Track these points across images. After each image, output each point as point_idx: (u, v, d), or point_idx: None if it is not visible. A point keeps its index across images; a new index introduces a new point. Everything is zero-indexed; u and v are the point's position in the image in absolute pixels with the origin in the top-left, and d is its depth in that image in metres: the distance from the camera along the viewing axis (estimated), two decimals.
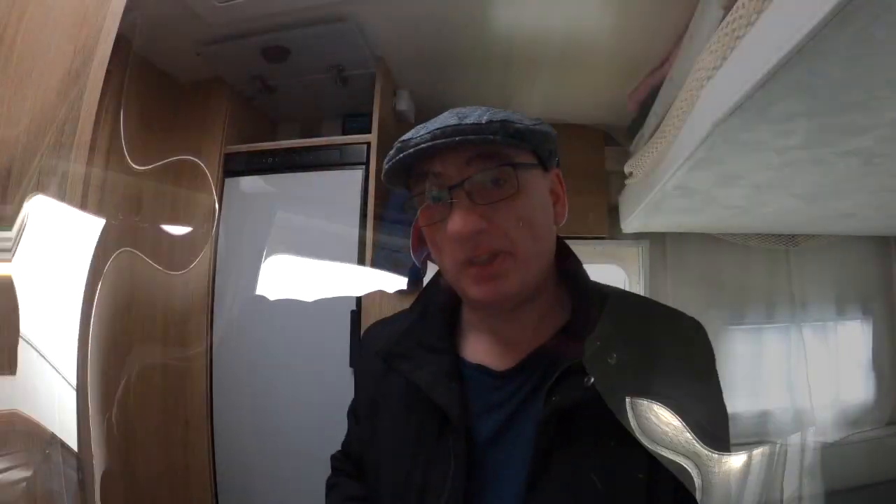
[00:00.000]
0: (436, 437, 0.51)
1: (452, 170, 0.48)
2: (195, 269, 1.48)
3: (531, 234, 0.48)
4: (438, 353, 0.55)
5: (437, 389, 0.51)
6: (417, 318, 0.58)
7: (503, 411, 0.51)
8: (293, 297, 1.42)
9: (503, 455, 0.50)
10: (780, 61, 0.63)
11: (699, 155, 0.98)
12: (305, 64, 1.47)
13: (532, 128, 0.48)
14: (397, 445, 0.54)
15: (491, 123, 0.46)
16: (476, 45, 1.43)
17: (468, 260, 0.48)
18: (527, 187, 0.48)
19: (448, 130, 0.46)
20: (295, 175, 1.48)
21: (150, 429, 1.40)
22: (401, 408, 0.55)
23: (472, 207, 0.47)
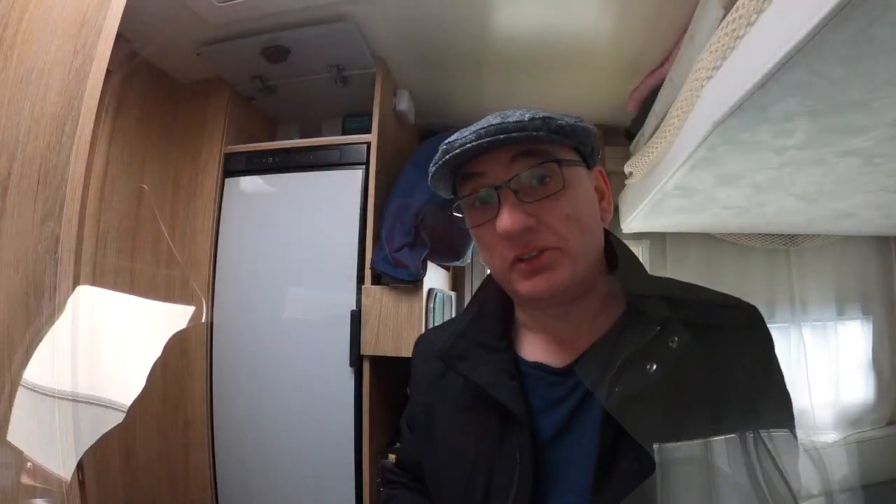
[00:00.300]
0: (498, 436, 0.51)
1: (498, 169, 0.48)
2: (195, 269, 1.48)
3: (579, 229, 0.48)
4: (497, 351, 0.55)
5: (499, 387, 0.51)
6: (472, 319, 0.58)
7: (565, 407, 0.51)
8: (293, 297, 1.42)
9: (567, 451, 0.49)
10: (780, 61, 0.63)
11: (699, 155, 0.98)
12: (305, 64, 1.47)
13: (574, 125, 0.49)
14: (457, 447, 0.54)
15: (533, 120, 0.46)
16: (476, 45, 1.43)
17: (517, 256, 0.48)
18: (572, 183, 0.49)
19: (492, 129, 0.46)
20: (295, 175, 1.48)
21: (150, 429, 1.41)
22: (459, 409, 0.55)
23: (519, 205, 0.47)
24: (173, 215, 1.52)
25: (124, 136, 1.37)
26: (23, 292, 0.65)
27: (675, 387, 0.46)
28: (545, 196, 0.47)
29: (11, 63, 0.67)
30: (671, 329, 0.46)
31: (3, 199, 0.65)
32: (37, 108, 0.68)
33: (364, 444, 1.32)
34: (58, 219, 0.67)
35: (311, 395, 1.38)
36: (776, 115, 0.78)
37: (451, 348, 0.55)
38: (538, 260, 0.48)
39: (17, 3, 0.68)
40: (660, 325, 0.46)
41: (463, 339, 0.56)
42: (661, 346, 0.46)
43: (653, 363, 0.45)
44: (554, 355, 0.54)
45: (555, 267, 0.48)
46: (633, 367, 0.46)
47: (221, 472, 1.43)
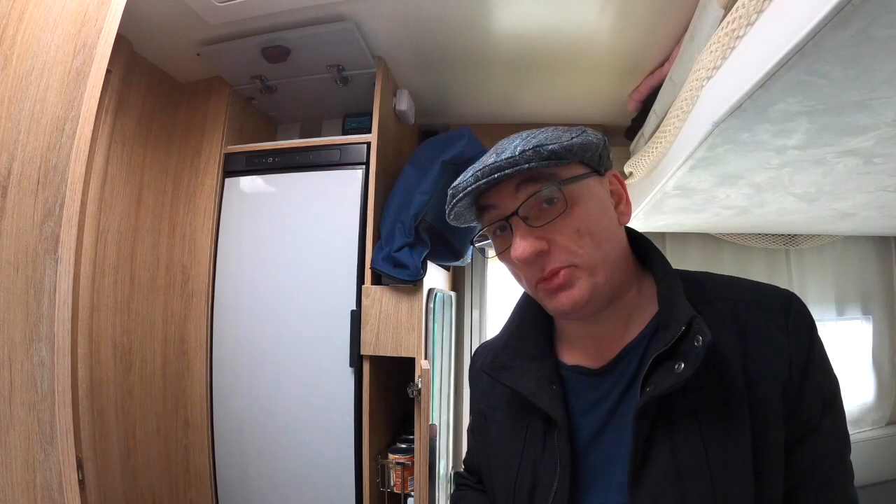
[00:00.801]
0: (542, 439, 0.54)
1: (506, 199, 0.51)
2: (195, 269, 1.48)
3: (592, 242, 0.50)
4: (538, 359, 0.58)
5: (540, 394, 0.54)
6: (514, 330, 0.62)
7: (603, 407, 0.53)
8: (293, 297, 1.42)
9: (606, 449, 0.51)
10: (780, 61, 0.63)
11: (699, 155, 0.98)
12: (305, 64, 1.47)
13: (567, 143, 0.50)
14: (507, 451, 0.57)
15: (524, 153, 0.48)
16: (476, 45, 1.43)
17: (539, 279, 0.51)
18: (580, 198, 0.51)
19: (487, 170, 0.49)
20: (295, 175, 1.48)
21: (150, 429, 1.41)
22: (508, 416, 0.59)
23: (529, 231, 0.50)
24: (173, 215, 1.52)
25: (124, 136, 1.37)
26: (23, 292, 0.65)
27: (707, 380, 0.47)
28: (553, 218, 0.50)
29: (11, 63, 0.67)
30: (697, 328, 0.46)
31: (3, 199, 0.65)
32: (37, 108, 0.68)
33: (364, 444, 1.32)
34: (58, 219, 0.67)
35: (311, 395, 1.37)
36: (776, 115, 0.78)
37: (493, 360, 0.59)
38: (556, 279, 0.50)
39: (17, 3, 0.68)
40: (685, 326, 0.47)
41: (505, 350, 0.59)
42: (687, 344, 0.46)
43: (680, 363, 0.46)
44: (592, 358, 0.56)
45: (573, 284, 0.50)
46: (663, 367, 0.47)
47: (221, 472, 1.43)
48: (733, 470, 0.45)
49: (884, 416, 2.00)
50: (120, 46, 1.30)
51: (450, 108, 1.83)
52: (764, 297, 0.52)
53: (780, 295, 0.53)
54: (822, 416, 0.48)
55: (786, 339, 0.49)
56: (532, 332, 0.61)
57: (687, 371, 0.45)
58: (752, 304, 0.51)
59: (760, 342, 0.49)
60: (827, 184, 1.11)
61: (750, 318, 0.50)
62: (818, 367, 0.50)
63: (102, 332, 1.28)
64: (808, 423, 0.48)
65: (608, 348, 0.55)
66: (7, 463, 0.63)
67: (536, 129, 0.54)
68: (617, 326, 0.55)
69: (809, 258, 2.02)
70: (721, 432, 0.46)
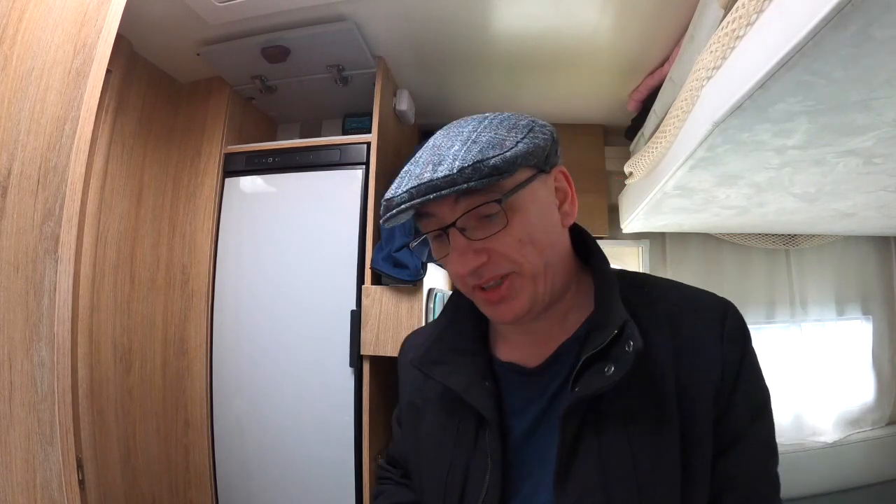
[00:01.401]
0: (474, 436, 0.53)
1: (444, 210, 0.48)
2: (195, 269, 1.48)
3: (535, 250, 0.48)
4: (471, 354, 0.56)
5: (472, 390, 0.52)
6: (447, 323, 0.60)
7: (537, 406, 0.52)
8: (293, 297, 1.42)
9: (538, 448, 0.51)
10: (780, 61, 0.63)
11: (699, 155, 0.98)
12: (305, 64, 1.47)
13: (510, 156, 0.45)
14: (439, 447, 0.56)
15: (462, 171, 0.44)
16: (476, 44, 1.43)
17: (478, 286, 0.50)
18: (521, 207, 0.48)
19: (422, 188, 0.45)
20: (295, 175, 1.48)
21: (150, 429, 1.41)
22: (440, 410, 0.57)
23: (468, 246, 0.48)
24: (173, 215, 1.52)
25: (124, 136, 1.37)
26: (23, 292, 0.65)
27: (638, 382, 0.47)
28: (492, 234, 0.47)
29: (11, 63, 0.67)
30: (628, 334, 0.46)
31: (3, 199, 0.65)
32: (37, 108, 0.68)
33: (364, 444, 1.32)
34: (58, 219, 0.67)
35: (311, 395, 1.37)
36: (776, 115, 0.78)
37: (426, 354, 0.57)
38: (497, 290, 0.49)
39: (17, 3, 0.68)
40: (617, 329, 0.47)
41: (438, 344, 0.57)
42: (619, 350, 0.46)
43: (610, 366, 0.46)
44: (527, 355, 0.55)
45: (514, 296, 0.49)
46: (593, 368, 0.47)
47: (221, 471, 1.43)
48: (659, 473, 0.46)
49: (884, 416, 2.00)
50: (120, 46, 1.30)
51: (450, 108, 1.83)
52: (701, 304, 0.53)
53: (717, 302, 0.53)
54: (750, 425, 0.49)
55: (720, 347, 0.49)
56: (466, 326, 0.59)
57: (616, 375, 0.45)
58: (689, 310, 0.52)
59: (694, 348, 0.50)
60: (827, 184, 1.11)
61: (685, 323, 0.51)
62: (749, 376, 0.50)
63: (102, 332, 1.28)
64: (735, 431, 0.48)
65: (544, 346, 0.54)
66: (7, 463, 0.63)
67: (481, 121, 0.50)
68: (553, 325, 0.54)
69: (809, 258, 2.02)
70: (649, 435, 0.47)
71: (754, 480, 0.49)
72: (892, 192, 1.15)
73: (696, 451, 0.47)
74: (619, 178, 1.76)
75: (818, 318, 2.00)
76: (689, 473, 0.46)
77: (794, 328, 1.98)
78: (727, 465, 0.48)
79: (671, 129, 1.14)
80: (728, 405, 0.48)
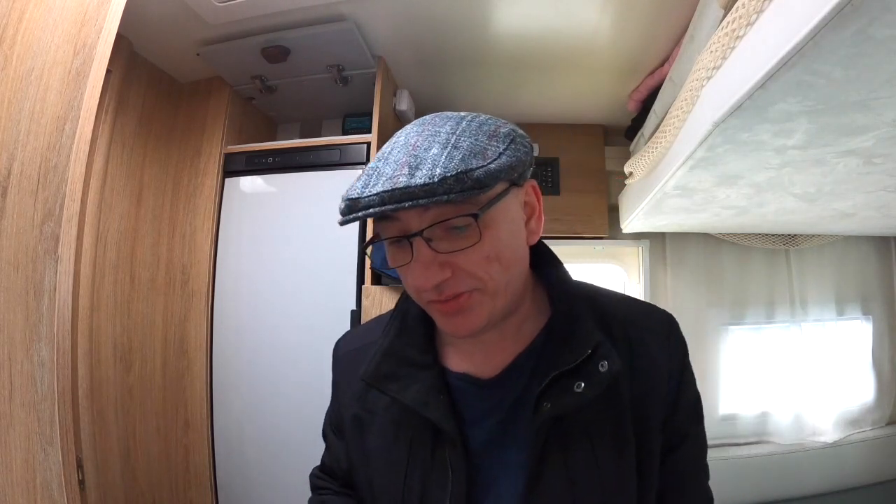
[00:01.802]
0: (430, 451, 0.51)
1: (411, 216, 0.43)
2: (195, 269, 1.48)
3: (501, 267, 0.46)
4: (423, 368, 0.53)
5: (430, 405, 0.50)
6: (396, 335, 0.56)
7: (494, 418, 0.51)
8: (293, 297, 1.42)
9: (498, 460, 0.50)
10: (780, 61, 0.63)
11: (699, 155, 0.98)
12: (305, 64, 1.47)
13: (494, 169, 0.42)
14: (390, 461, 0.53)
15: (444, 181, 0.39)
16: (476, 44, 1.43)
17: (435, 300, 0.46)
18: (493, 222, 0.45)
19: (396, 194, 0.40)
20: (295, 175, 1.48)
21: (150, 429, 1.41)
22: (389, 424, 0.54)
23: (433, 258, 0.44)
24: (173, 215, 1.52)
25: (124, 136, 1.37)
26: (23, 292, 0.65)
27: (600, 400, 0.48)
28: (462, 248, 0.43)
29: (11, 63, 0.67)
30: (602, 352, 0.47)
31: (3, 199, 0.66)
32: (37, 108, 0.68)
33: None
34: (58, 219, 0.67)
35: (311, 396, 1.37)
36: (776, 115, 0.78)
37: (377, 369, 0.53)
38: (455, 302, 0.45)
39: (17, 3, 0.68)
40: (591, 349, 0.47)
41: (389, 357, 0.54)
42: (592, 369, 0.47)
43: (580, 384, 0.47)
44: (481, 366, 0.53)
45: (473, 308, 0.46)
46: (561, 384, 0.47)
47: (221, 471, 1.43)
48: (622, 485, 0.48)
49: (884, 416, 2.00)
50: (120, 46, 1.30)
51: (450, 108, 1.80)
52: (647, 318, 0.56)
53: (662, 316, 0.57)
54: (691, 426, 0.54)
55: (666, 359, 0.53)
56: (416, 337, 0.55)
57: (588, 393, 0.46)
58: (640, 326, 0.54)
59: (646, 361, 0.52)
60: (827, 184, 1.11)
61: (638, 338, 0.53)
62: (689, 382, 0.55)
63: (102, 332, 1.28)
64: (681, 433, 0.53)
65: (497, 357, 0.53)
66: (7, 463, 0.63)
67: (459, 122, 0.46)
68: (506, 335, 0.53)
69: (809, 258, 2.01)
70: (612, 448, 0.49)
71: (697, 472, 0.55)
72: (892, 192, 1.15)
73: (649, 457, 0.50)
74: (619, 178, 1.76)
75: (818, 318, 1.99)
76: (645, 478, 0.50)
77: (794, 328, 1.98)
78: (674, 463, 0.53)
79: (671, 129, 1.14)
80: (674, 411, 0.52)
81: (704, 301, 1.94)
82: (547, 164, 1.90)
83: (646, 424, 0.50)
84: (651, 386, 0.51)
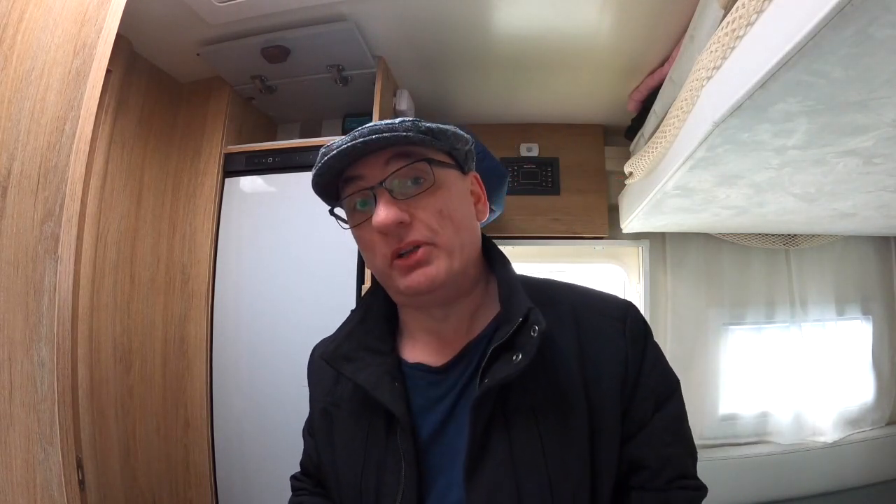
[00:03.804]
0: (384, 438, 0.53)
1: (375, 171, 0.50)
2: (195, 269, 1.48)
3: (452, 226, 0.51)
4: (380, 354, 0.56)
5: (381, 389, 0.52)
6: (358, 322, 0.60)
7: (444, 404, 0.53)
8: (293, 297, 1.42)
9: (448, 446, 0.51)
10: (780, 61, 0.63)
11: (699, 155, 0.98)
12: (305, 64, 1.47)
13: (443, 128, 0.51)
14: (351, 449, 0.55)
15: (403, 122, 0.49)
16: (476, 44, 1.43)
17: (395, 252, 0.50)
18: (445, 183, 0.52)
19: (365, 131, 0.49)
20: (295, 175, 1.48)
21: (150, 429, 1.41)
22: (351, 412, 0.57)
23: (393, 202, 0.49)
24: (173, 215, 1.52)
25: (124, 136, 1.37)
26: (23, 292, 0.65)
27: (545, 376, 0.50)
28: (417, 193, 0.50)
29: (11, 63, 0.67)
30: (532, 319, 0.48)
31: (3, 199, 0.65)
32: (37, 108, 0.68)
33: None
34: (58, 219, 0.67)
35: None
36: (776, 115, 0.78)
37: (336, 349, 0.56)
38: (414, 255, 0.50)
39: (17, 3, 0.68)
40: (522, 318, 0.48)
41: (348, 340, 0.57)
42: (524, 336, 0.48)
43: (518, 353, 0.47)
44: (433, 355, 0.56)
45: (430, 261, 0.50)
46: (501, 359, 0.48)
47: (221, 471, 1.43)
48: (569, 464, 0.48)
49: (884, 416, 2.00)
50: (120, 46, 1.30)
51: (450, 107, 1.83)
52: (603, 303, 0.57)
53: (619, 302, 0.57)
54: (654, 412, 0.52)
55: (623, 342, 0.53)
56: (376, 327, 0.60)
57: (523, 361, 0.46)
58: (592, 309, 0.55)
59: (599, 343, 0.53)
60: (827, 184, 1.11)
61: (589, 320, 0.54)
62: (650, 369, 0.53)
63: (102, 332, 1.28)
64: (641, 419, 0.52)
65: (450, 346, 0.55)
66: (7, 463, 0.63)
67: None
68: (460, 324, 0.56)
69: (809, 258, 2.01)
70: (558, 427, 0.49)
71: (657, 464, 0.51)
72: (892, 192, 1.15)
73: (603, 440, 0.50)
74: (619, 178, 1.76)
75: (818, 319, 1.99)
76: (597, 461, 0.49)
77: (793, 328, 1.98)
78: (631, 450, 0.51)
79: (671, 129, 1.14)
80: (632, 397, 0.52)
81: (704, 301, 1.94)
82: (547, 164, 1.90)
83: (600, 407, 0.50)
84: (606, 368, 0.52)
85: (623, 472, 0.51)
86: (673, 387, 0.55)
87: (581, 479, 0.48)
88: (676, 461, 0.52)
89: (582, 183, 1.88)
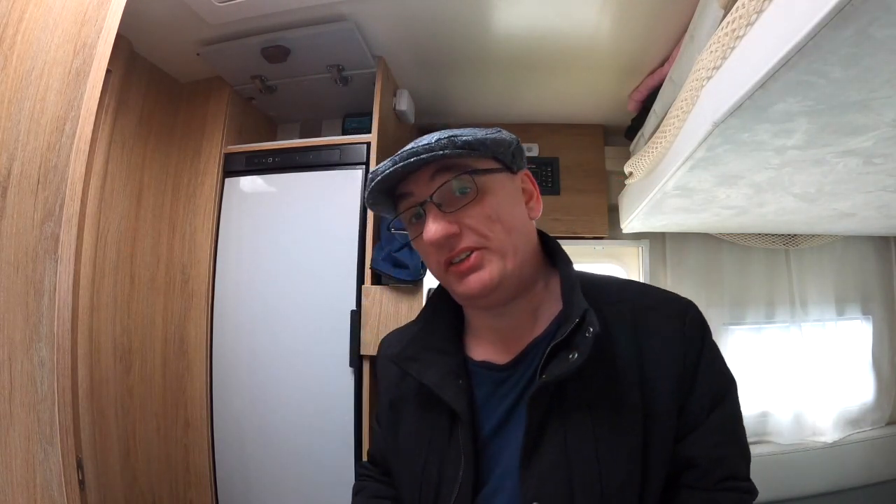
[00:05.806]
0: (447, 432, 0.55)
1: (421, 187, 0.53)
2: (195, 269, 1.48)
3: (503, 228, 0.52)
4: (445, 354, 0.59)
5: (445, 387, 0.55)
6: (423, 324, 0.62)
7: (508, 400, 0.55)
8: (293, 297, 1.42)
9: (507, 440, 0.53)
10: (780, 61, 0.63)
11: (699, 155, 0.98)
12: (305, 64, 1.47)
13: (482, 138, 0.52)
14: (415, 444, 0.58)
15: (439, 141, 0.50)
16: (476, 44, 1.43)
17: (448, 260, 0.53)
18: (491, 188, 0.53)
19: (405, 155, 0.51)
20: (295, 175, 1.48)
21: (150, 429, 1.41)
22: (417, 408, 0.60)
23: (441, 216, 0.52)
24: (173, 215, 1.52)
25: (124, 136, 1.37)
26: (23, 292, 0.65)
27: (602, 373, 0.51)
28: (464, 204, 0.52)
29: (11, 63, 0.67)
30: (588, 320, 0.50)
31: (3, 199, 0.65)
32: (37, 108, 0.68)
33: (364, 444, 1.32)
34: (58, 219, 0.67)
35: (310, 395, 1.37)
36: (776, 115, 0.78)
37: (402, 351, 0.59)
38: (466, 261, 0.52)
39: (17, 3, 0.68)
40: (580, 319, 0.50)
41: (415, 342, 0.60)
42: (580, 336, 0.49)
43: (574, 352, 0.49)
44: (498, 353, 0.58)
45: (483, 266, 0.52)
46: (559, 357, 0.50)
47: (221, 472, 1.43)
48: (620, 458, 0.49)
49: (884, 416, 2.00)
50: (120, 46, 1.30)
51: (450, 107, 1.83)
52: (663, 302, 0.57)
53: (679, 301, 0.57)
54: (710, 411, 0.53)
55: (681, 341, 0.53)
56: (441, 327, 0.62)
57: (578, 360, 0.48)
58: (651, 308, 0.56)
59: (657, 342, 0.53)
60: (827, 184, 1.11)
61: (648, 320, 0.55)
62: (707, 367, 0.54)
63: (102, 332, 1.28)
64: (695, 418, 0.52)
65: (515, 343, 0.57)
66: (7, 463, 0.63)
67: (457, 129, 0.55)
68: (524, 322, 0.57)
69: (809, 258, 2.01)
70: (612, 423, 0.50)
71: (709, 463, 0.52)
72: (892, 192, 1.15)
73: (656, 437, 0.51)
74: (619, 178, 1.76)
75: (818, 319, 1.99)
76: (649, 457, 0.50)
77: (794, 328, 1.98)
78: (684, 448, 0.52)
79: (671, 129, 1.14)
80: (688, 396, 0.52)
81: (704, 301, 1.94)
82: (547, 163, 1.90)
83: (655, 404, 0.51)
84: (663, 366, 0.52)
85: (676, 470, 0.52)
86: (728, 387, 0.55)
87: (631, 473, 0.49)
88: (728, 462, 0.52)
89: (582, 183, 1.88)
